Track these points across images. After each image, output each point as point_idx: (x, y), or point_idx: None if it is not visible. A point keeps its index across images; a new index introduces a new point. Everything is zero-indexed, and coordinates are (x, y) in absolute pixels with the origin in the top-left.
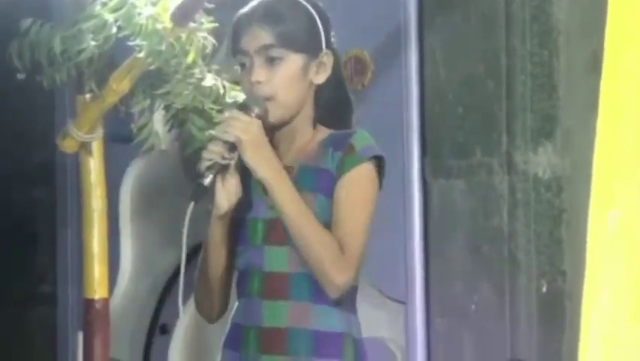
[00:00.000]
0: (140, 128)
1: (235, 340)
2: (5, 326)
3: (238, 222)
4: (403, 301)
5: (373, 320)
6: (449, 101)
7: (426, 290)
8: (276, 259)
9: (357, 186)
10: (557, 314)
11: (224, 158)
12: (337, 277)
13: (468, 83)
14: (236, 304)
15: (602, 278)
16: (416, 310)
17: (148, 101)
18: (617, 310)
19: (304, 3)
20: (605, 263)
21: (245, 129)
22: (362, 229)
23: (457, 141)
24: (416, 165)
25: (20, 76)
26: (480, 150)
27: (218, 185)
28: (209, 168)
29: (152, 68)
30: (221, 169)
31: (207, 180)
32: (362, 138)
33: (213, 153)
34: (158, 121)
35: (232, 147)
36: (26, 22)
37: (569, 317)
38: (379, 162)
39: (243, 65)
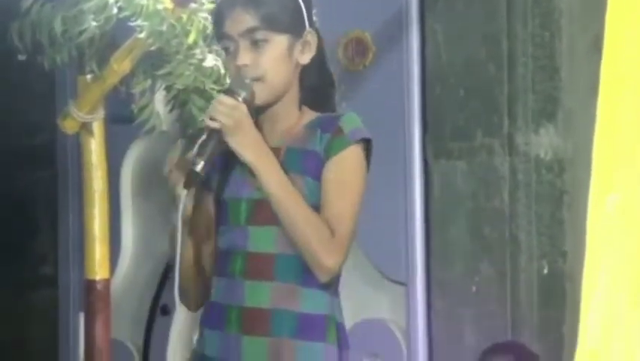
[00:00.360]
0: (141, 109)
1: (215, 319)
2: (7, 307)
3: (219, 202)
4: (404, 282)
5: (374, 301)
6: (450, 83)
7: (427, 272)
8: (261, 240)
9: (345, 169)
10: (558, 295)
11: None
12: (328, 260)
13: (469, 64)
14: (216, 283)
15: (601, 260)
16: (417, 291)
17: (149, 82)
18: (616, 291)
19: None
20: (605, 245)
21: (229, 114)
22: (351, 211)
23: (458, 122)
24: (417, 147)
25: (21, 56)
26: (481, 131)
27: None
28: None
29: (153, 48)
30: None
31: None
32: (350, 121)
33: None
34: (159, 102)
35: (213, 131)
36: (27, 2)
37: (569, 297)
38: (367, 145)
39: (227, 50)
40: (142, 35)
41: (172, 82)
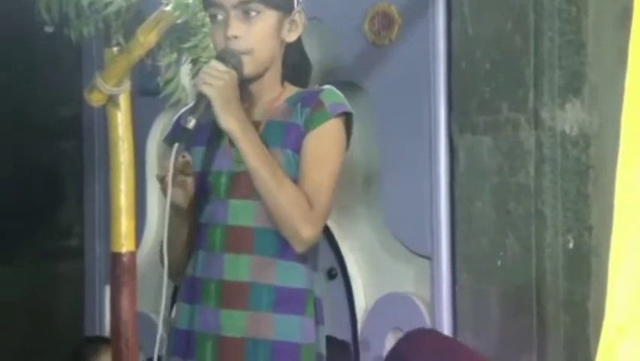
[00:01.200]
0: (167, 82)
1: (193, 293)
2: (33, 280)
3: (200, 175)
4: (429, 256)
5: (399, 275)
6: (476, 57)
7: (452, 246)
8: (240, 213)
9: (325, 142)
10: (584, 270)
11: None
12: (305, 231)
13: (495, 38)
14: (194, 257)
15: (629, 234)
16: (442, 265)
17: (175, 55)
18: None
19: None
20: (633, 219)
21: (220, 77)
22: (329, 184)
23: (483, 96)
24: (443, 121)
25: (48, 29)
26: (507, 106)
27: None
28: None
29: (179, 21)
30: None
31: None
32: (331, 95)
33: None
34: (185, 75)
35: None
36: None
37: (595, 272)
38: (348, 119)
39: (214, 17)
40: (168, 8)
41: (198, 55)
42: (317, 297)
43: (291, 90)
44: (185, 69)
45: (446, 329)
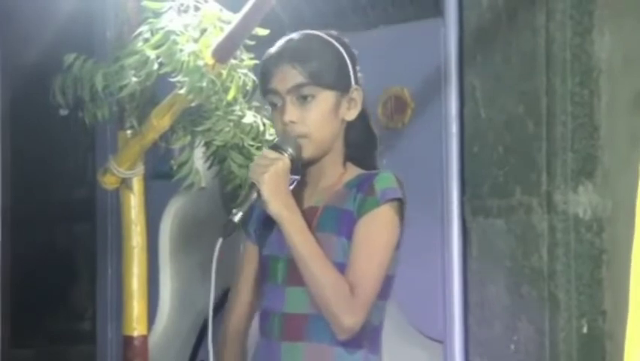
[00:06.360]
0: (181, 165)
1: None
2: None
3: (263, 260)
4: (442, 340)
5: (412, 359)
6: (489, 141)
7: (465, 330)
8: (296, 300)
9: (372, 229)
10: (598, 355)
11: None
12: (345, 318)
13: (508, 122)
14: (257, 343)
15: None
16: (455, 349)
17: (189, 138)
18: None
19: (330, 40)
20: None
21: (268, 165)
22: (374, 271)
23: (496, 180)
24: (455, 204)
25: (63, 112)
26: (520, 189)
27: None
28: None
29: (193, 104)
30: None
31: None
32: (383, 180)
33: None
34: (198, 158)
35: (255, 185)
36: (69, 58)
37: (609, 357)
38: (401, 204)
39: (273, 105)
40: (182, 91)
41: (211, 138)
42: None
43: (352, 172)
44: (199, 152)
45: None
